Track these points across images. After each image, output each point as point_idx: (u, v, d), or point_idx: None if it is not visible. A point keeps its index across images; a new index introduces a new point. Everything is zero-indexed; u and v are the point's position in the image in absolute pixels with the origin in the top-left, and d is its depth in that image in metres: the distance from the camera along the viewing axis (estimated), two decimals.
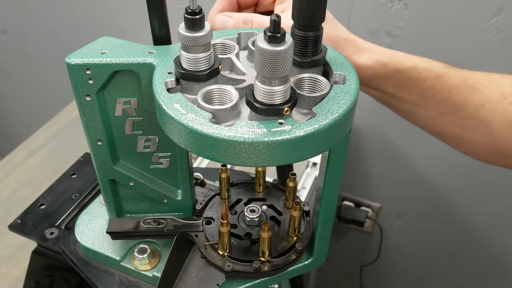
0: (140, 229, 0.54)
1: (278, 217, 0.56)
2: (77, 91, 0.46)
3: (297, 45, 0.42)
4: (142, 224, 0.55)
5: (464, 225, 1.33)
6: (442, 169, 1.23)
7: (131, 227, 0.55)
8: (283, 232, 0.54)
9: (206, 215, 0.56)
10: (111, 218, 0.57)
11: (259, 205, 0.56)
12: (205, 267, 0.53)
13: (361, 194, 1.43)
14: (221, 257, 0.52)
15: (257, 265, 0.50)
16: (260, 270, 0.50)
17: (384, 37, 1.01)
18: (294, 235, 0.53)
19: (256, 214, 0.54)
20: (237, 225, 0.55)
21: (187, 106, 0.39)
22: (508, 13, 0.91)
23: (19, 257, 0.89)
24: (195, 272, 0.53)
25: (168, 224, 0.55)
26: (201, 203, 0.57)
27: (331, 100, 0.40)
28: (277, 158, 0.38)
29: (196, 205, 0.57)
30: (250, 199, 0.58)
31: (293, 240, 0.53)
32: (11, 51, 1.62)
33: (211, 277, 0.52)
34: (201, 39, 0.40)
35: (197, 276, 0.52)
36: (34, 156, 1.15)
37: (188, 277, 0.52)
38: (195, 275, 0.52)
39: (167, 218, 0.55)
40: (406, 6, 0.97)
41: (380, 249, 1.49)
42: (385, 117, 1.20)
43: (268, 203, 0.58)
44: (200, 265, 0.53)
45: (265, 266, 0.51)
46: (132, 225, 0.55)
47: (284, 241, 0.53)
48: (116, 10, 1.33)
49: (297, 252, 0.52)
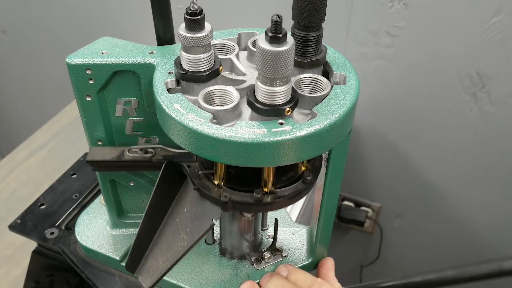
0: (125, 158, 0.48)
1: None
2: (78, 91, 0.46)
3: (298, 45, 0.42)
4: (127, 153, 0.48)
5: (464, 225, 1.33)
6: (442, 169, 1.23)
7: (114, 156, 0.48)
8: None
9: None
10: (91, 147, 0.51)
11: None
12: (199, 200, 0.45)
13: (361, 194, 1.43)
14: (217, 187, 0.45)
15: (258, 194, 0.44)
16: (261, 201, 0.44)
17: (384, 37, 1.01)
18: (302, 165, 0.47)
19: None
20: None
21: (188, 106, 0.39)
22: (508, 13, 0.91)
23: (19, 257, 0.89)
24: (187, 207, 0.46)
25: (157, 153, 0.48)
26: None
27: (331, 100, 0.40)
28: (277, 158, 0.38)
29: None
30: None
31: (301, 171, 0.47)
32: (11, 51, 1.62)
33: (205, 211, 0.44)
34: (202, 40, 0.40)
35: (190, 211, 0.45)
36: (34, 156, 1.15)
37: (179, 213, 0.46)
38: (187, 211, 0.46)
39: (156, 147, 0.48)
40: (406, 6, 0.97)
41: (380, 249, 1.49)
42: (385, 117, 1.20)
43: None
44: (193, 199, 0.46)
45: (268, 197, 0.44)
46: (116, 154, 0.48)
47: (290, 171, 0.46)
48: (116, 10, 1.33)
49: (305, 183, 0.46)
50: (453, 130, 1.10)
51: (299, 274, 0.50)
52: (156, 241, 0.46)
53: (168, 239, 0.45)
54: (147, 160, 0.47)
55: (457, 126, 1.08)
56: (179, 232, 0.45)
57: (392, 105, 1.16)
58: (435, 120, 1.11)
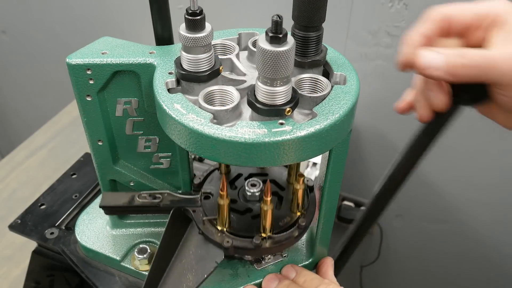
0: (135, 203, 0.51)
1: (280, 192, 0.53)
2: (78, 91, 0.46)
3: (298, 45, 0.42)
4: (137, 199, 0.51)
5: (464, 225, 1.33)
6: (442, 169, 1.23)
7: (125, 202, 0.51)
8: (285, 208, 0.51)
9: (205, 190, 0.53)
10: (104, 192, 0.54)
11: (260, 180, 0.53)
12: (203, 244, 0.49)
13: (361, 194, 1.43)
14: (220, 232, 0.49)
15: (257, 241, 0.47)
16: (260, 246, 0.47)
17: (384, 37, 1.01)
18: (297, 211, 0.50)
19: (257, 188, 0.51)
20: (237, 200, 0.52)
21: (188, 106, 0.39)
22: None
23: (19, 257, 0.89)
24: (193, 249, 0.49)
25: (164, 198, 0.51)
26: (199, 177, 0.54)
27: (331, 100, 0.40)
28: (278, 158, 0.38)
29: (194, 180, 0.54)
30: (251, 174, 0.55)
31: (296, 216, 0.50)
32: (11, 51, 1.62)
33: (209, 254, 0.48)
34: (202, 40, 0.40)
35: (195, 253, 0.49)
36: (34, 156, 1.15)
37: (185, 255, 0.49)
38: (192, 253, 0.49)
39: (163, 193, 0.52)
40: (406, 6, 0.97)
41: (380, 249, 1.49)
42: (385, 117, 1.20)
43: (270, 178, 0.55)
44: (197, 242, 0.50)
45: (266, 242, 0.48)
46: (127, 200, 0.51)
47: (286, 217, 0.50)
48: (116, 10, 1.33)
49: (300, 228, 0.49)
50: (453, 130, 1.10)
51: (307, 275, 0.51)
52: (164, 280, 0.48)
53: (176, 279, 0.48)
54: (156, 205, 0.51)
55: (457, 126, 1.08)
56: (185, 273, 0.48)
57: (392, 105, 1.16)
58: None
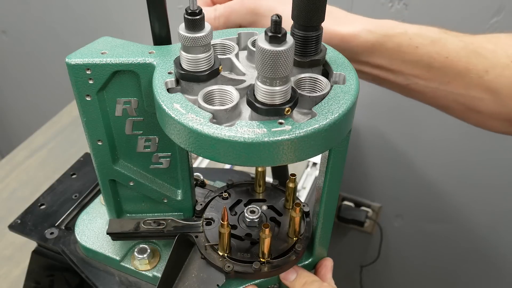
0: (140, 230, 0.55)
1: (278, 218, 0.56)
2: (77, 91, 0.46)
3: (297, 45, 0.42)
4: (142, 225, 0.55)
5: (464, 225, 1.33)
6: (442, 169, 1.23)
7: (131, 228, 0.55)
8: (283, 233, 0.54)
9: (206, 216, 0.56)
10: (111, 219, 0.57)
11: (259, 206, 0.56)
12: (205, 267, 0.53)
13: (361, 194, 1.43)
14: (221, 258, 0.52)
15: (257, 266, 0.50)
16: (260, 271, 0.50)
17: None
18: (294, 236, 0.53)
19: (256, 215, 0.54)
20: (237, 225, 0.55)
21: (187, 106, 0.39)
22: (508, 13, 0.91)
23: (19, 257, 0.89)
24: (195, 272, 0.53)
25: (168, 225, 0.55)
26: (201, 204, 0.57)
27: (331, 100, 0.40)
28: (277, 158, 0.38)
29: (196, 206, 0.57)
30: (250, 200, 0.58)
31: (293, 241, 0.53)
32: (11, 51, 1.62)
33: (211, 277, 0.52)
34: (201, 40, 0.40)
35: (197, 276, 0.52)
36: (34, 156, 1.15)
37: (188, 278, 0.52)
38: (195, 276, 0.52)
39: (167, 219, 0.55)
40: (406, 6, 0.97)
41: (380, 249, 1.49)
42: (385, 117, 1.20)
43: (268, 204, 0.57)
44: (200, 265, 0.53)
45: (265, 267, 0.51)
46: (132, 226, 0.55)
47: (284, 242, 0.53)
48: (116, 10, 1.33)
49: (296, 253, 0.53)
50: (453, 130, 1.10)
51: (307, 277, 0.53)
52: None
53: None
54: (160, 231, 0.54)
55: (457, 126, 1.08)
56: None
57: (392, 104, 1.16)
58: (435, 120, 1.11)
